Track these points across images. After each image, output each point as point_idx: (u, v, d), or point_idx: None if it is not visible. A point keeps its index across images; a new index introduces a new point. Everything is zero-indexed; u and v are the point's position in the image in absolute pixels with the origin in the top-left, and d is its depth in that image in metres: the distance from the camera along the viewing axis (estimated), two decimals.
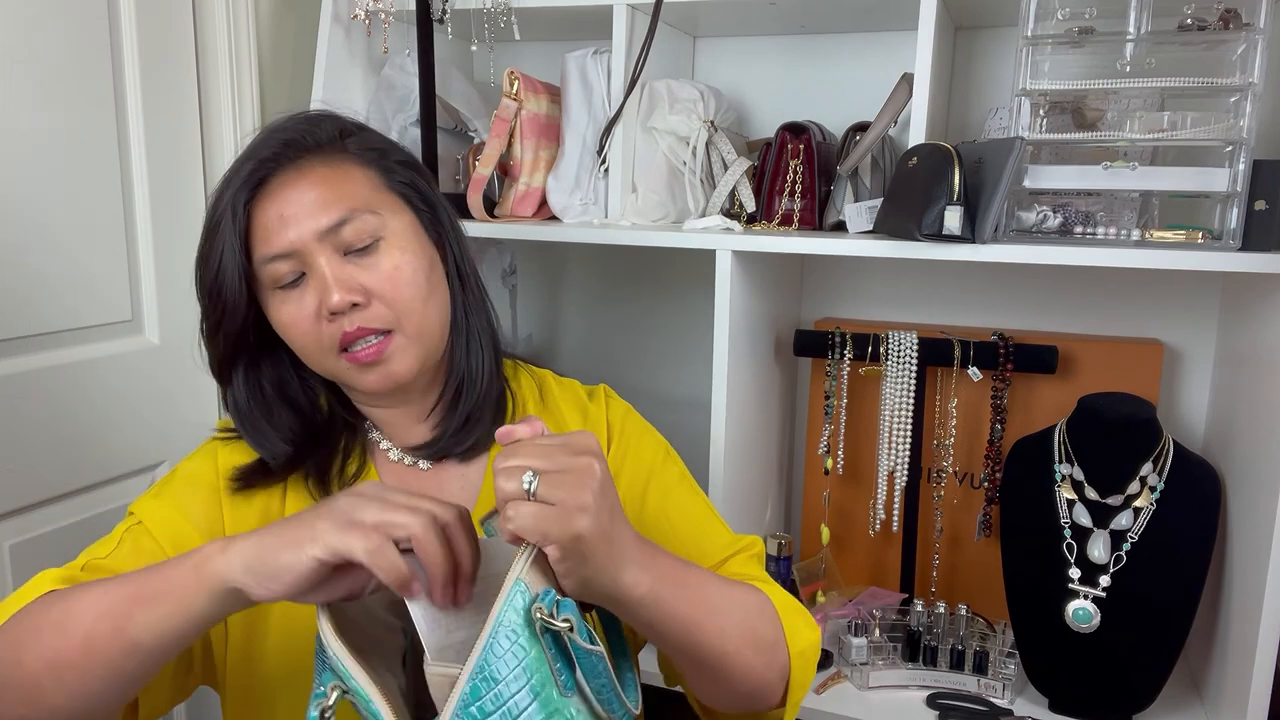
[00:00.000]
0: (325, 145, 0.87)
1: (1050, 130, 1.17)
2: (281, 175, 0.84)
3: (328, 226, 0.83)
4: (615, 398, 1.04)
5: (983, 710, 1.25)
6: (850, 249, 1.21)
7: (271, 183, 0.84)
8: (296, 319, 0.85)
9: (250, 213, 0.84)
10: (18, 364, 1.21)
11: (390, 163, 0.90)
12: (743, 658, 0.77)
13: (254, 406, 0.90)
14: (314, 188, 0.84)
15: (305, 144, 0.86)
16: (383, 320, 0.84)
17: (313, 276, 0.84)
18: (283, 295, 0.85)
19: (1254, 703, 1.09)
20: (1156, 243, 1.13)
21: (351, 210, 0.84)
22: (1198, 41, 1.11)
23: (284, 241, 0.83)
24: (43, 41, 1.21)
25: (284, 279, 0.84)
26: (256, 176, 0.84)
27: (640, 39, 1.35)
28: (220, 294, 0.84)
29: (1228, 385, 1.32)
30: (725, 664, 0.77)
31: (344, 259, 0.84)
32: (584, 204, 1.42)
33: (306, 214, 0.83)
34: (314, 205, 0.83)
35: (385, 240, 0.85)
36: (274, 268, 0.84)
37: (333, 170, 0.86)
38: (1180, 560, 1.19)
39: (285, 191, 0.84)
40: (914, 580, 1.47)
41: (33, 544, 1.24)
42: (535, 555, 0.64)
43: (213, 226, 0.85)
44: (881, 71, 1.42)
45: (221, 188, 0.85)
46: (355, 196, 0.85)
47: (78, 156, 1.27)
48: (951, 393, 1.42)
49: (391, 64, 1.49)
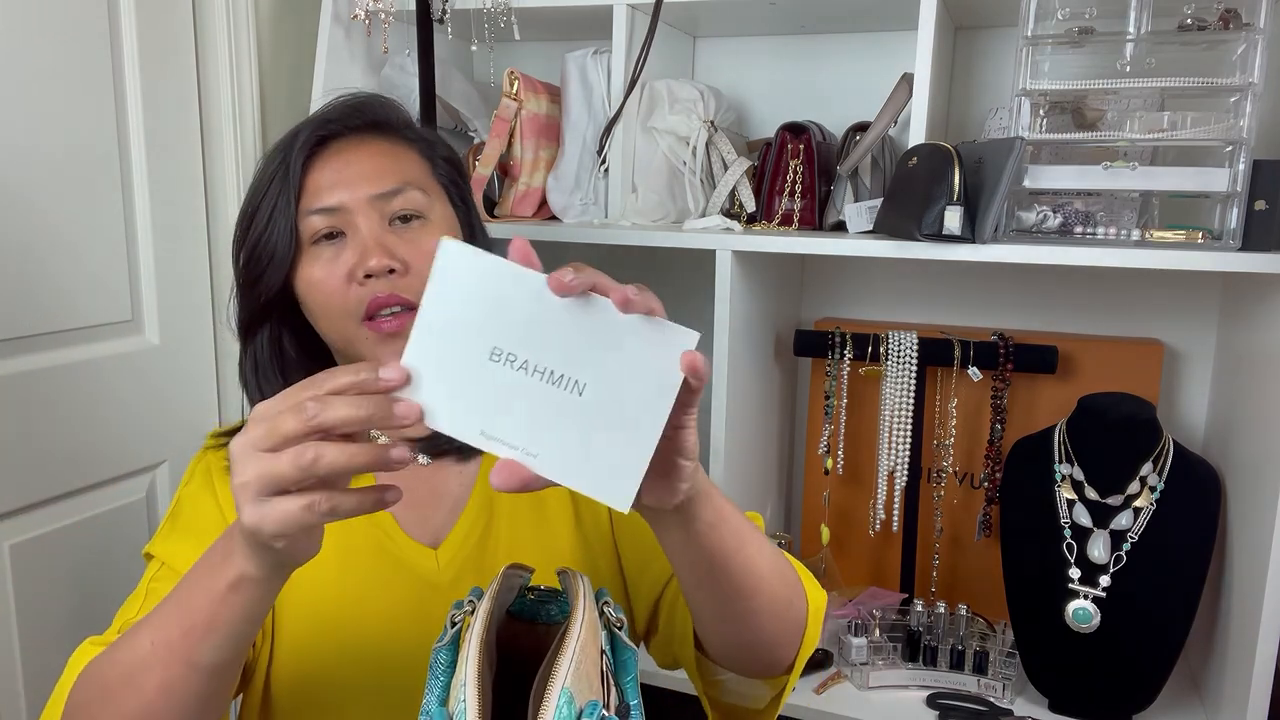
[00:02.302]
0: (386, 124, 0.90)
1: (1050, 130, 1.17)
2: (343, 140, 0.87)
3: (380, 193, 0.85)
4: None
5: (983, 710, 1.25)
6: (850, 249, 1.21)
7: (332, 145, 0.86)
8: (327, 278, 0.84)
9: (306, 170, 0.85)
10: (18, 364, 1.21)
11: (438, 157, 0.93)
12: (774, 590, 0.76)
13: (273, 363, 0.91)
14: (372, 158, 0.86)
15: (370, 118, 0.89)
16: (414, 293, 0.84)
17: (353, 237, 0.84)
18: (315, 252, 0.85)
19: (1254, 703, 1.09)
20: (1156, 243, 1.13)
21: (404, 183, 0.86)
22: (1198, 41, 1.11)
23: (335, 197, 0.84)
24: (43, 42, 1.21)
25: (320, 233, 0.84)
26: (318, 135, 0.86)
27: (640, 39, 1.35)
28: (268, 245, 0.84)
29: (1228, 385, 1.32)
30: (759, 592, 0.74)
31: (388, 227, 0.85)
32: (584, 204, 1.42)
33: (361, 178, 0.85)
34: (370, 173, 0.85)
35: (428, 220, 0.87)
36: (315, 220, 0.84)
37: (392, 147, 0.89)
38: (1180, 560, 1.19)
39: (344, 155, 0.86)
40: (914, 580, 1.47)
41: (33, 544, 1.24)
42: (578, 658, 0.62)
43: (266, 179, 0.86)
44: (881, 71, 1.42)
45: (280, 146, 0.87)
46: (409, 173, 0.87)
47: (78, 157, 1.27)
48: (951, 393, 1.42)
49: (391, 64, 1.49)
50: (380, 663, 0.85)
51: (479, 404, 0.58)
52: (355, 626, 0.85)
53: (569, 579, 0.71)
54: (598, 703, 0.61)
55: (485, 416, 0.58)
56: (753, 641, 0.78)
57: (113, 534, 1.36)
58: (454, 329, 0.58)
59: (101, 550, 1.34)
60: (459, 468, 0.94)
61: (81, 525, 1.31)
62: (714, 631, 0.79)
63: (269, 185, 0.85)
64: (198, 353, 1.49)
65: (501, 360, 0.58)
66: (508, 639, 0.73)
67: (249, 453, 0.57)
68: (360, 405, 0.56)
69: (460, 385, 0.58)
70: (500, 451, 0.58)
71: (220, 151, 1.47)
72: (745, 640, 0.78)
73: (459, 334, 0.58)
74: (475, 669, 0.60)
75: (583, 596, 0.68)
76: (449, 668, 0.66)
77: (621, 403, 0.59)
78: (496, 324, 0.58)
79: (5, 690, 1.22)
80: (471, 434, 0.58)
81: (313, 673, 0.84)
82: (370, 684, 0.85)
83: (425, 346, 0.58)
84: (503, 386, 0.58)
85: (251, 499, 0.57)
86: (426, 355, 0.58)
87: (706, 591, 0.74)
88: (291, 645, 0.85)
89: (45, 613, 1.27)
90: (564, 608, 0.73)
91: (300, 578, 0.82)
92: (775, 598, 0.76)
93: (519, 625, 0.75)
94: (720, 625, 0.78)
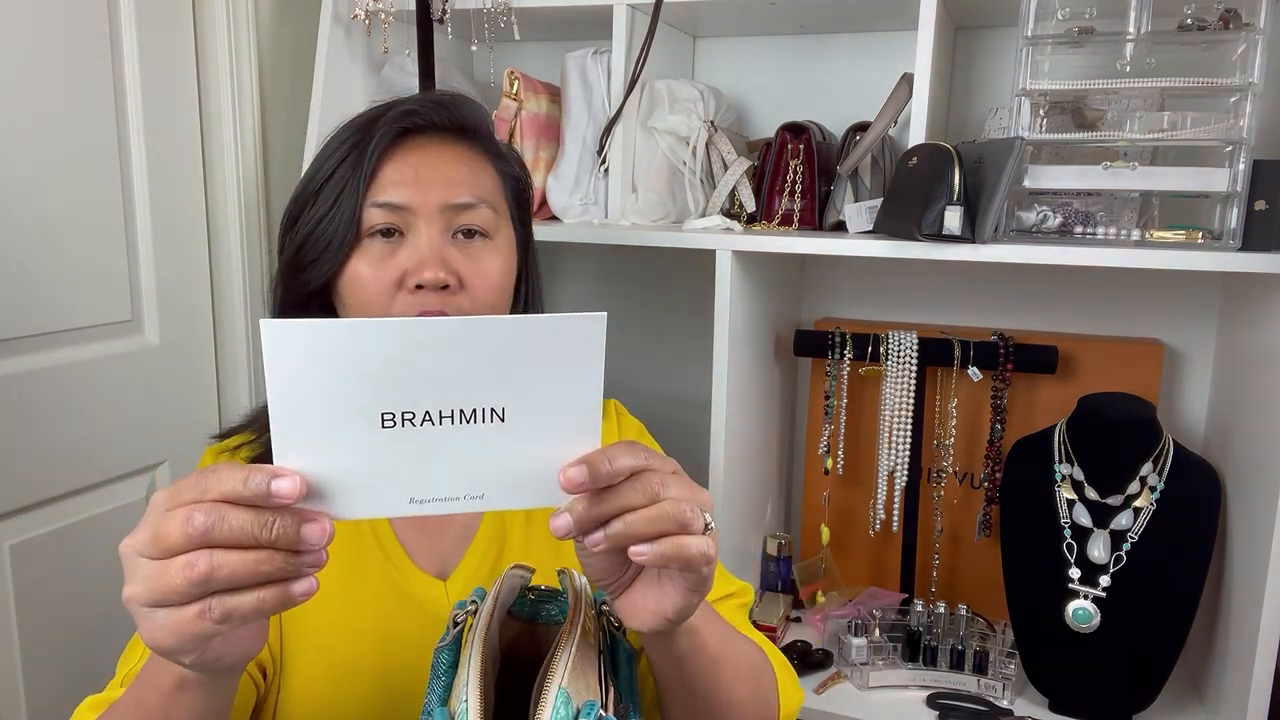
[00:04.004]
0: (472, 130, 0.86)
1: (1050, 130, 1.17)
2: (425, 137, 0.83)
3: (456, 203, 0.81)
4: (627, 415, 1.02)
5: (983, 710, 1.25)
6: (850, 249, 1.21)
7: (412, 139, 0.82)
8: (375, 277, 0.80)
9: (381, 159, 0.81)
10: (18, 364, 1.21)
11: (510, 174, 0.89)
12: (744, 710, 0.76)
13: None
14: (455, 164, 0.83)
15: (456, 118, 0.85)
16: (464, 313, 0.81)
17: (412, 240, 0.80)
18: (368, 246, 0.81)
19: (1254, 703, 1.09)
20: (1156, 243, 1.13)
21: (479, 199, 0.83)
22: (1197, 41, 1.11)
23: (404, 195, 0.80)
24: (43, 42, 1.21)
25: (377, 227, 0.80)
26: (400, 125, 0.82)
27: (640, 39, 1.35)
28: (327, 230, 0.80)
29: (1228, 385, 1.32)
30: (728, 714, 0.74)
31: (450, 239, 0.82)
32: (584, 204, 1.42)
33: (442, 183, 0.81)
34: (453, 180, 0.82)
35: (491, 241, 0.84)
36: (376, 213, 0.80)
37: (475, 157, 0.85)
38: (1180, 560, 1.19)
39: (423, 153, 0.82)
40: (914, 580, 1.47)
41: (33, 544, 1.24)
42: (575, 659, 0.61)
43: (336, 160, 0.81)
44: (881, 71, 1.42)
45: (356, 127, 0.82)
46: (484, 188, 0.84)
47: (78, 157, 1.27)
48: (951, 393, 1.42)
49: (391, 64, 1.49)
50: (388, 700, 0.83)
51: (392, 476, 0.53)
52: (363, 663, 0.83)
53: (568, 580, 0.71)
54: (595, 703, 0.61)
55: (406, 485, 0.54)
56: None
57: (113, 534, 1.36)
58: (325, 411, 0.51)
59: (101, 550, 1.34)
60: None
61: (81, 525, 1.31)
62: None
63: (338, 167, 0.81)
64: (198, 353, 1.49)
65: (397, 422, 0.52)
66: (508, 638, 0.73)
67: (134, 559, 0.51)
68: (263, 526, 0.50)
69: (361, 466, 0.52)
70: (439, 510, 0.54)
71: (220, 151, 1.47)
72: None
73: (334, 415, 0.51)
74: (478, 670, 0.60)
75: (580, 598, 0.68)
76: (450, 668, 0.66)
77: (550, 409, 0.55)
78: (372, 388, 0.51)
79: (5, 690, 1.22)
80: (398, 507, 0.54)
81: (318, 708, 0.82)
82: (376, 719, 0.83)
83: (300, 441, 0.51)
84: (411, 447, 0.53)
85: (143, 612, 0.51)
86: (306, 451, 0.51)
87: (674, 701, 0.74)
88: (300, 682, 0.83)
89: (45, 613, 1.27)
90: (564, 608, 0.73)
91: (307, 613, 0.81)
92: (744, 718, 0.76)
93: (519, 625, 0.75)
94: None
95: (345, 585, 0.84)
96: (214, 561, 0.49)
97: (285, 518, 0.50)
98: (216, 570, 0.49)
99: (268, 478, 0.50)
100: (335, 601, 0.84)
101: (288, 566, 0.51)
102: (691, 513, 0.57)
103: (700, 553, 0.57)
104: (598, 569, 0.62)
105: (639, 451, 0.58)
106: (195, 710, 0.60)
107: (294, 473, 0.51)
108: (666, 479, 0.58)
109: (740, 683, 0.75)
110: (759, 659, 0.81)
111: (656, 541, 0.56)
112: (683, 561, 0.57)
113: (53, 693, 1.28)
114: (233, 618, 0.50)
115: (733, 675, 0.73)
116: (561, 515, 0.56)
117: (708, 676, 0.71)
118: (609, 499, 0.56)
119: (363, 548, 0.86)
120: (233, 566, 0.49)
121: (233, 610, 0.50)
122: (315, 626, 0.83)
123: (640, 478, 0.57)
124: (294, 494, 0.50)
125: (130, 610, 0.51)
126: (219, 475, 0.51)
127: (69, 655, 1.30)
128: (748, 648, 0.79)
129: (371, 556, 0.86)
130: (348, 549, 0.85)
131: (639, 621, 0.62)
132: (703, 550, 0.57)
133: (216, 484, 0.50)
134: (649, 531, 0.56)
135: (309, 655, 0.83)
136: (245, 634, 0.55)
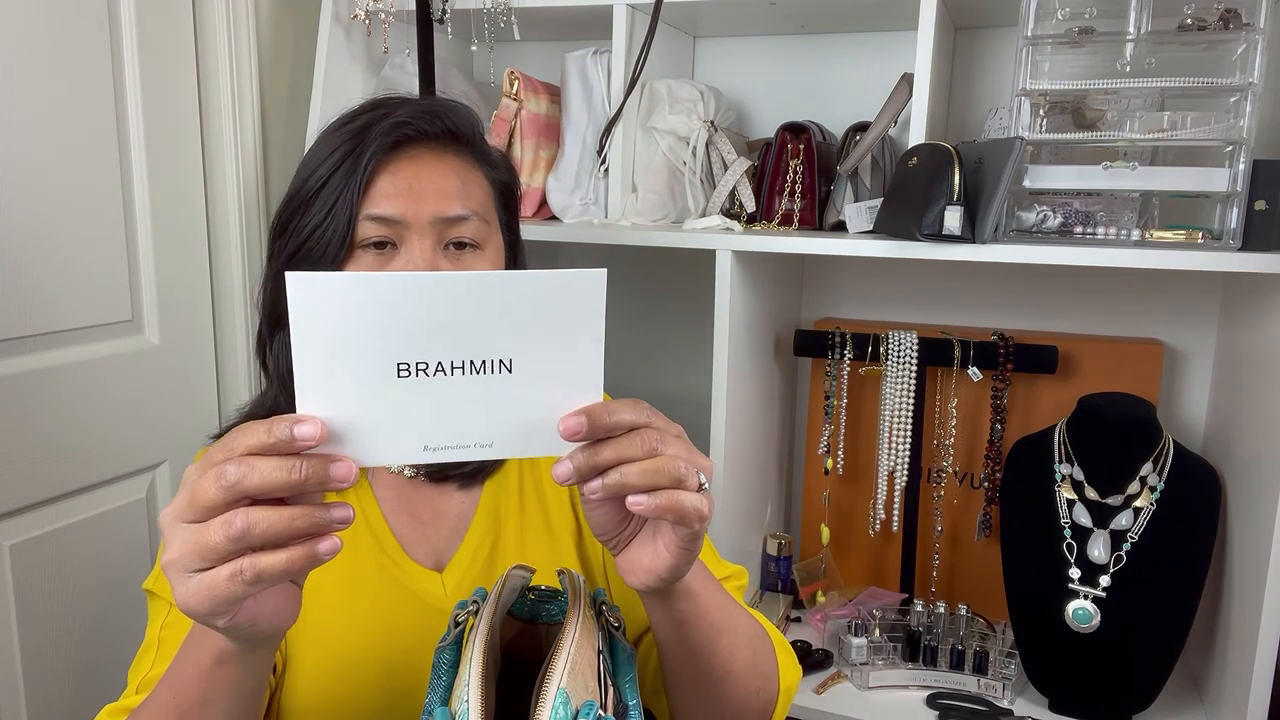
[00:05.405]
0: (463, 136, 0.86)
1: (1050, 130, 1.17)
2: (418, 147, 0.83)
3: (449, 216, 0.81)
4: None
5: (983, 710, 1.25)
6: (850, 249, 1.21)
7: (405, 150, 0.82)
8: None
9: (375, 169, 0.81)
10: (18, 364, 1.21)
11: (499, 180, 0.89)
12: (744, 679, 0.77)
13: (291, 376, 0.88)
14: (448, 176, 0.82)
15: (448, 125, 0.84)
16: None
17: (405, 253, 0.80)
18: (358, 257, 0.81)
19: (1254, 703, 1.09)
20: (1156, 243, 1.13)
21: (473, 211, 0.83)
22: (1197, 41, 1.11)
23: (398, 208, 0.80)
24: (43, 42, 1.21)
25: (370, 239, 0.80)
26: (395, 136, 0.81)
27: (640, 39, 1.35)
28: (321, 240, 0.80)
29: (1228, 385, 1.32)
30: (728, 681, 0.76)
31: (442, 251, 0.82)
32: (584, 204, 1.42)
33: (436, 196, 0.81)
34: (441, 192, 0.81)
35: (483, 252, 0.84)
36: (369, 225, 0.80)
37: (469, 169, 0.85)
38: (1180, 560, 1.19)
39: (417, 165, 0.82)
40: (914, 580, 1.47)
41: (33, 544, 1.24)
42: (573, 659, 0.62)
43: (329, 169, 0.81)
44: (881, 71, 1.42)
45: (348, 133, 0.81)
46: (476, 200, 0.84)
47: (78, 156, 1.27)
48: (951, 393, 1.42)
49: (391, 64, 1.49)
50: (388, 692, 0.83)
51: (407, 424, 0.56)
52: (365, 656, 0.84)
53: (567, 579, 0.71)
54: (594, 703, 0.61)
55: (420, 432, 0.56)
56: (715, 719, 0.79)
57: (113, 534, 1.36)
58: (345, 361, 0.54)
59: (101, 550, 1.34)
60: (460, 495, 0.92)
61: (81, 525, 1.31)
62: (680, 698, 0.81)
63: (331, 175, 0.80)
64: (198, 353, 1.49)
65: (412, 372, 0.55)
66: (508, 638, 0.73)
67: (174, 525, 0.53)
68: (291, 469, 0.52)
69: (378, 415, 0.55)
70: (451, 457, 0.57)
71: (220, 151, 1.47)
72: (708, 716, 0.79)
73: (353, 365, 0.54)
74: (479, 671, 0.61)
75: (578, 598, 0.68)
76: (451, 668, 0.66)
77: (554, 361, 0.58)
78: (389, 340, 0.54)
79: (5, 690, 1.22)
80: (413, 454, 0.56)
81: (321, 703, 0.83)
82: (379, 714, 0.83)
83: (322, 390, 0.54)
84: (425, 397, 0.55)
85: (180, 576, 0.53)
86: (327, 399, 0.54)
87: (675, 666, 0.76)
88: (304, 678, 0.84)
89: (45, 613, 1.26)
90: (564, 608, 0.73)
91: (309, 609, 0.81)
92: (744, 687, 0.77)
93: (519, 625, 0.75)
94: (686, 698, 0.80)
95: (344, 580, 0.85)
96: (250, 518, 0.51)
97: (312, 459, 0.53)
98: (253, 526, 0.51)
99: (290, 424, 0.52)
100: (335, 596, 0.84)
101: (319, 520, 0.53)
102: (686, 469, 0.59)
103: (694, 507, 0.59)
104: (599, 521, 0.64)
105: (643, 409, 0.60)
106: (234, 686, 0.62)
107: (314, 418, 0.53)
108: (667, 437, 0.60)
109: (740, 651, 0.76)
110: (758, 631, 0.82)
111: (653, 493, 0.59)
112: (677, 514, 0.59)
113: (52, 692, 1.28)
114: (263, 579, 0.52)
115: (732, 643, 0.75)
116: (563, 462, 0.58)
117: (708, 643, 0.73)
118: (607, 450, 0.58)
119: (359, 543, 0.87)
120: (270, 522, 0.51)
121: (264, 571, 0.52)
122: (317, 622, 0.83)
123: (640, 433, 0.59)
124: (316, 437, 0.53)
125: (167, 575, 0.53)
126: (244, 431, 0.53)
127: (69, 655, 1.30)
128: (747, 619, 0.80)
129: (368, 551, 0.87)
130: (345, 544, 0.85)
131: (635, 579, 0.65)
132: (696, 505, 0.59)
133: (243, 439, 0.53)
134: (644, 484, 0.58)
135: (313, 651, 0.83)
136: (276, 602, 0.57)
